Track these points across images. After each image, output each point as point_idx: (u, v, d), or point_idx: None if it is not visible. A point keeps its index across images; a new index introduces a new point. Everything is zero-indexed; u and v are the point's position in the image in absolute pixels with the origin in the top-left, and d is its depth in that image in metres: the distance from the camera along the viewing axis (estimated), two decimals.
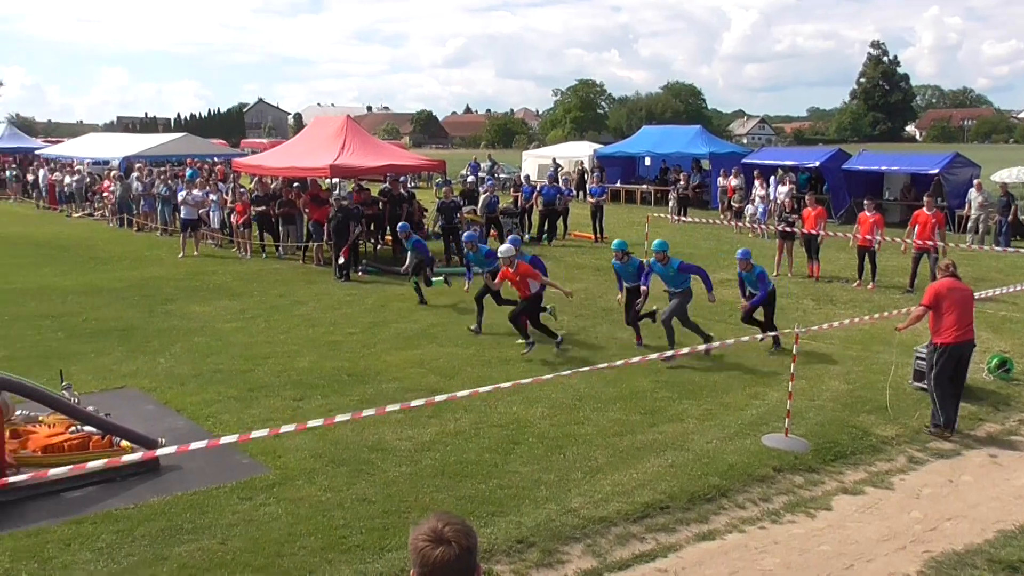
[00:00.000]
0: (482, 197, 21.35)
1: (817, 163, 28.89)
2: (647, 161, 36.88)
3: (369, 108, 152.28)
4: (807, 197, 19.15)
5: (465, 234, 14.38)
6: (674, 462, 7.87)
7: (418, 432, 8.52)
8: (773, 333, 11.20)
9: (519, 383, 8.33)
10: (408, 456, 7.93)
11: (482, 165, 38.78)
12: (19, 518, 6.67)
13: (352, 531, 6.44)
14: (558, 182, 25.85)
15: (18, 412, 8.24)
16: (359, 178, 22.27)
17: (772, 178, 26.71)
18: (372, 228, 20.63)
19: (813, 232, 17.23)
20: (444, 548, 2.35)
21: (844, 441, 8.51)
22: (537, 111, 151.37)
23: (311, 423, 7.15)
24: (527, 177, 27.27)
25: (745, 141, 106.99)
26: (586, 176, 33.60)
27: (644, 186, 35.36)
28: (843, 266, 18.52)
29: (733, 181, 27.29)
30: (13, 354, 11.08)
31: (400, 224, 15.28)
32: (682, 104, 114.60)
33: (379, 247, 20.95)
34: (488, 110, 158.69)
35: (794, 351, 8.88)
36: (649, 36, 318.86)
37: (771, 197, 25.20)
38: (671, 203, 28.41)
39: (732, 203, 26.57)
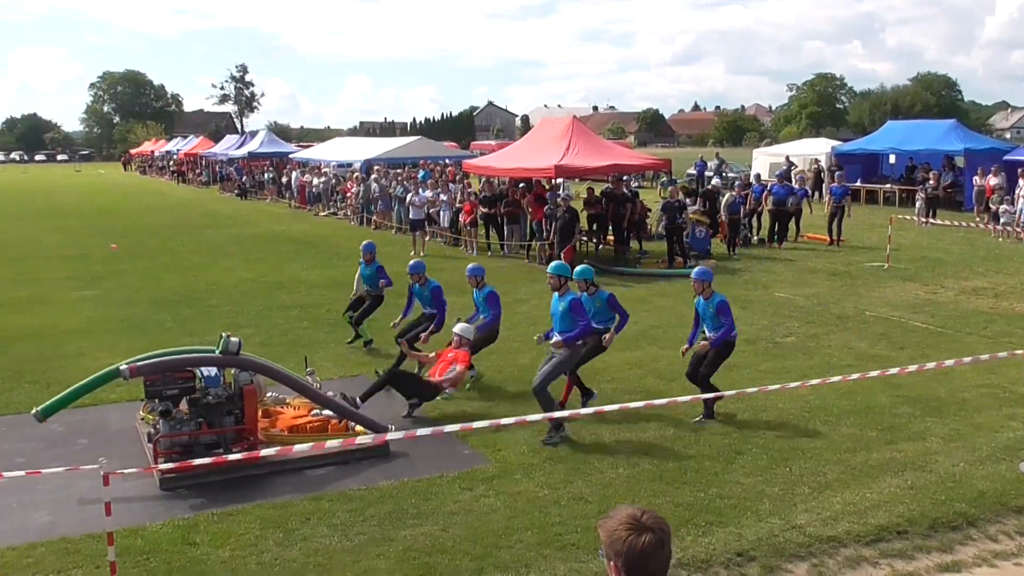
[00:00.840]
0: (725, 197, 20.72)
1: None
2: (891, 159, 34.33)
3: (595, 108, 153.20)
4: None
5: (411, 262, 11.12)
6: (914, 484, 7.23)
7: (636, 435, 8.42)
8: (711, 395, 8.49)
9: (744, 392, 8.01)
10: (625, 458, 7.84)
11: (709, 164, 37.79)
12: (268, 491, 7.29)
13: (567, 529, 6.46)
14: (790, 181, 24.65)
15: (269, 394, 9.02)
16: (582, 178, 22.42)
17: None
18: (594, 228, 20.73)
19: None
20: (649, 535, 2.32)
21: None
22: (770, 107, 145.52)
23: (530, 418, 7.27)
24: (757, 176, 26.24)
25: (1009, 136, 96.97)
26: (822, 175, 31.85)
27: (887, 185, 32.97)
28: None
29: (992, 180, 24.80)
30: (267, 340, 12.15)
31: (365, 244, 12.10)
32: (933, 97, 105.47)
33: (600, 247, 20.99)
34: (717, 107, 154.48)
35: None
36: (897, 24, 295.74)
37: None
38: (918, 204, 26.29)
39: (990, 204, 24.14)
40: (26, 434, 8.54)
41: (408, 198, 22.31)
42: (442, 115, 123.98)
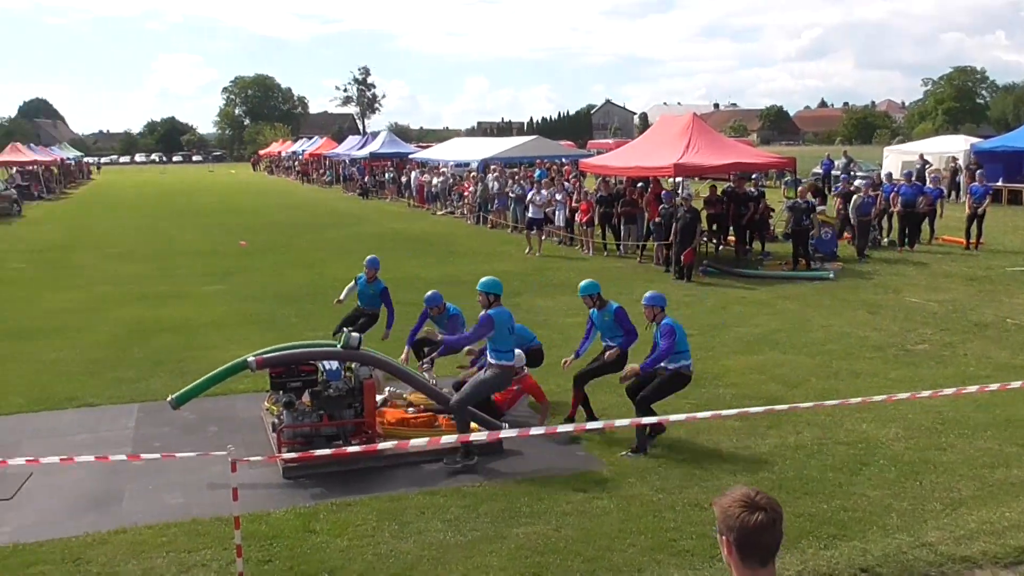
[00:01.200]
0: (855, 198, 19.91)
1: None
2: None
3: (716, 105, 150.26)
4: None
5: (428, 295, 10.11)
6: None
7: (755, 442, 8.17)
8: (651, 420, 7.53)
9: (870, 400, 7.66)
10: (744, 466, 7.63)
11: (836, 162, 36.39)
12: (384, 483, 7.44)
13: (682, 535, 6.33)
14: (922, 180, 23.46)
15: (388, 389, 9.22)
16: (702, 176, 21.96)
17: None
18: (715, 228, 20.30)
19: None
20: (762, 514, 2.46)
21: None
22: (903, 103, 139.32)
23: (645, 420, 7.15)
24: (888, 175, 25.09)
25: None
26: (960, 174, 30.14)
27: None
28: None
29: None
30: None
31: (369, 259, 11.04)
32: None
33: (721, 247, 20.53)
34: (845, 103, 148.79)
35: None
36: None
37: None
38: None
39: None
40: (162, 420, 9.02)
41: (529, 196, 22.33)
42: (559, 114, 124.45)
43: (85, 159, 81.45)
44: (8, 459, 6.87)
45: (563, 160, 32.67)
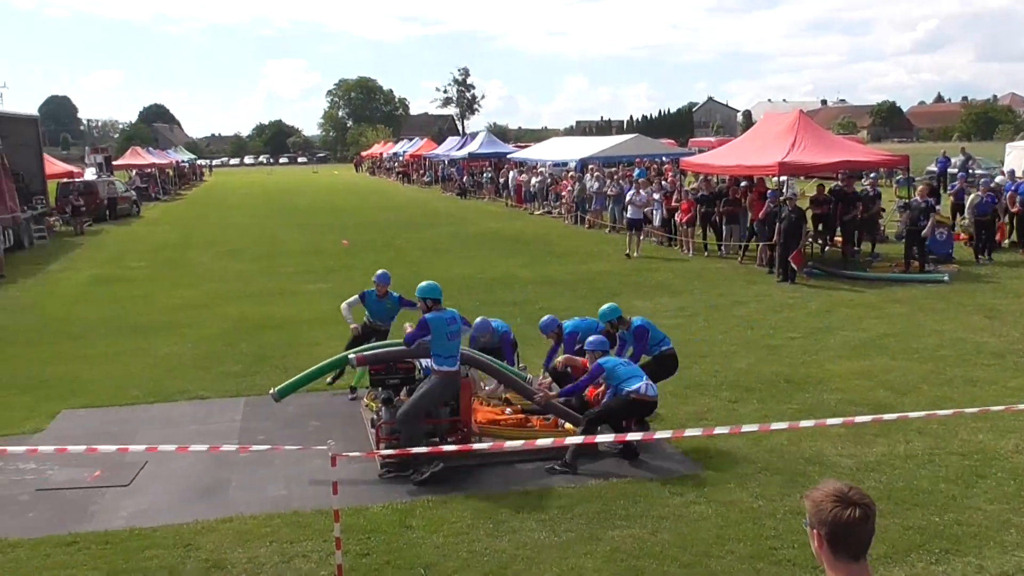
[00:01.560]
0: (970, 197, 18.93)
1: None
2: None
3: (824, 102, 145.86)
4: None
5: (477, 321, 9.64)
6: None
7: (861, 450, 7.86)
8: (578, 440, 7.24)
9: (988, 409, 7.27)
10: (849, 474, 7.34)
11: (953, 160, 34.73)
12: (479, 482, 7.49)
13: (783, 543, 6.14)
14: None
15: (486, 388, 9.27)
16: (808, 175, 21.31)
17: None
18: (821, 228, 19.68)
19: None
20: (856, 509, 2.45)
21: None
22: None
23: (745, 427, 6.98)
24: (1011, 172, 23.78)
25: None
26: None
27: None
28: None
29: None
30: None
31: (379, 274, 10.36)
32: None
33: (827, 248, 19.89)
34: (964, 98, 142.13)
35: None
36: None
37: None
38: None
39: None
40: (266, 413, 9.31)
41: (629, 196, 22.08)
42: (660, 112, 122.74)
43: (198, 161, 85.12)
44: (127, 447, 7.20)
45: (663, 159, 32.20)
